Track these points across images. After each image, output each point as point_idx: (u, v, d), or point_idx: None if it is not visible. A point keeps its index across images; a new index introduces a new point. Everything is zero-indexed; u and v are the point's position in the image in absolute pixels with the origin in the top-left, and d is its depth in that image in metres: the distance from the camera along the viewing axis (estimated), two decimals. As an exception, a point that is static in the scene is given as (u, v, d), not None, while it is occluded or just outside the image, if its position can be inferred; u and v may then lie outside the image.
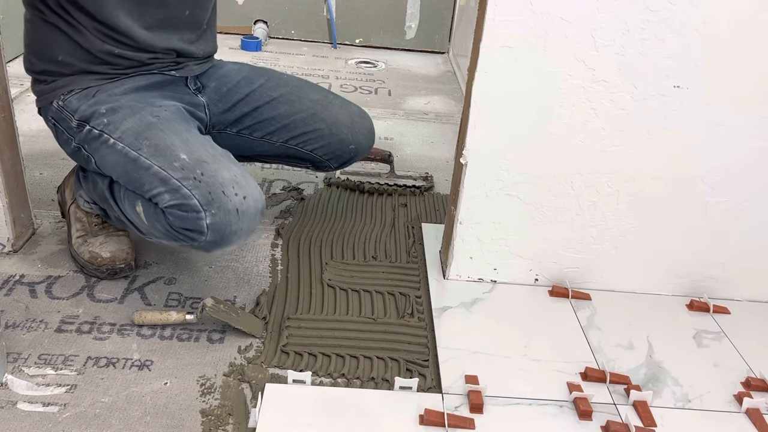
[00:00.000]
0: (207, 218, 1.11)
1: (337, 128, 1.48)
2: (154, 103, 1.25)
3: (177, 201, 1.12)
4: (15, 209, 1.41)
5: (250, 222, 1.15)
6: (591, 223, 1.36)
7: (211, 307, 1.20)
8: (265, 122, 1.46)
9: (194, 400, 1.07)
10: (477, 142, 1.28)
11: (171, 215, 1.13)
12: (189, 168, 1.13)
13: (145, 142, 1.16)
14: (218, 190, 1.11)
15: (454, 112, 2.59)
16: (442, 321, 1.29)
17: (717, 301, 1.42)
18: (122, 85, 1.27)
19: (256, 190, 1.17)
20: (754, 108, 1.25)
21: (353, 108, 1.54)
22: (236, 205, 1.12)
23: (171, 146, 1.16)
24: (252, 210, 1.14)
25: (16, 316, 1.23)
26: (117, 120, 1.20)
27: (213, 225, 1.11)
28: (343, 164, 1.55)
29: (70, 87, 1.26)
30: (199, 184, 1.11)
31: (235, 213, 1.12)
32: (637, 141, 1.27)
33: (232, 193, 1.12)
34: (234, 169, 1.16)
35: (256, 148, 1.50)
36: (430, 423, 1.04)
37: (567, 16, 1.17)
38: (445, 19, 3.41)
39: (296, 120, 1.46)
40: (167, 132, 1.18)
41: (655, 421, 1.08)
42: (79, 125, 1.24)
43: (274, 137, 1.48)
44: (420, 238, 1.60)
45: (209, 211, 1.10)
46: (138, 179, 1.16)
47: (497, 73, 1.22)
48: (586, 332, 1.30)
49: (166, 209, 1.13)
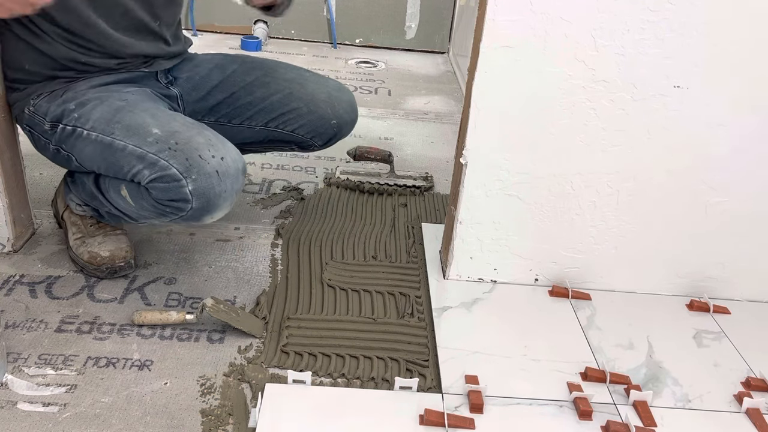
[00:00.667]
0: (189, 185, 1.11)
1: (315, 105, 1.46)
2: (121, 90, 1.26)
3: (156, 174, 1.12)
4: (15, 209, 1.41)
5: (232, 182, 1.15)
6: (591, 223, 1.36)
7: (211, 307, 1.20)
8: (241, 107, 1.45)
9: (194, 400, 1.07)
10: (477, 142, 1.28)
11: (154, 189, 1.13)
12: (163, 140, 1.13)
13: (116, 126, 1.17)
14: (195, 155, 1.11)
15: (454, 112, 2.59)
16: (442, 321, 1.29)
17: (717, 301, 1.42)
18: (89, 82, 1.27)
19: (233, 150, 1.17)
20: (755, 108, 1.25)
21: (330, 83, 1.52)
22: (215, 166, 1.12)
23: (142, 124, 1.16)
24: (232, 170, 1.14)
25: (16, 316, 1.23)
26: (87, 112, 1.20)
27: (196, 190, 1.11)
28: (329, 141, 1.53)
29: (39, 92, 1.26)
30: (175, 153, 1.11)
31: (215, 175, 1.12)
32: (637, 141, 1.27)
33: (209, 156, 1.12)
34: (207, 133, 1.16)
35: (237, 135, 1.48)
36: (430, 423, 1.04)
37: (567, 16, 1.17)
38: (445, 19, 3.41)
39: (273, 102, 1.45)
40: (136, 111, 1.19)
41: (655, 421, 1.08)
42: (52, 127, 1.24)
43: (252, 122, 1.47)
44: (420, 238, 1.60)
45: (189, 177, 1.11)
46: (116, 163, 1.16)
47: (497, 73, 1.22)
48: (586, 332, 1.30)
49: (148, 185, 1.14)
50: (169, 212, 1.16)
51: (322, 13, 3.38)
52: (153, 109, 1.20)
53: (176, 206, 1.14)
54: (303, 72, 1.52)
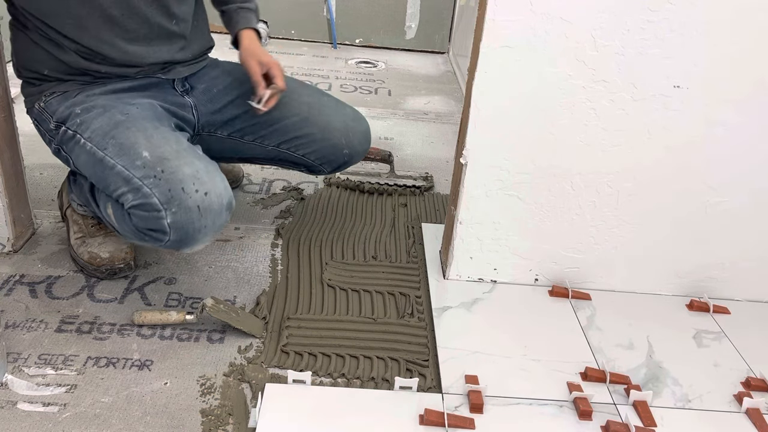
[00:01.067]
0: (168, 217, 1.09)
1: (330, 133, 1.45)
2: (128, 101, 1.24)
3: (138, 201, 1.10)
4: (15, 209, 1.41)
5: (214, 218, 1.12)
6: (591, 223, 1.36)
7: (211, 307, 1.20)
8: (256, 126, 1.44)
9: (194, 400, 1.07)
10: (477, 142, 1.28)
11: (134, 216, 1.12)
12: (150, 166, 1.11)
13: (110, 141, 1.15)
14: (178, 187, 1.09)
15: (454, 112, 2.59)
16: (442, 321, 1.29)
17: (717, 301, 1.42)
18: (103, 86, 1.27)
19: (221, 185, 1.14)
20: (755, 108, 1.25)
21: (347, 111, 1.51)
22: (197, 201, 1.09)
23: (134, 144, 1.14)
24: (215, 206, 1.12)
25: (16, 316, 1.23)
26: (88, 119, 1.20)
27: (174, 224, 1.09)
28: (337, 168, 1.53)
29: (53, 90, 1.26)
30: (159, 182, 1.09)
31: (196, 210, 1.09)
32: (637, 141, 1.27)
33: (192, 190, 1.09)
34: (197, 164, 1.13)
35: (247, 152, 1.49)
36: (430, 423, 1.04)
37: (567, 16, 1.17)
38: (445, 19, 3.41)
39: (288, 124, 1.44)
40: (133, 129, 1.16)
41: (655, 421, 1.08)
42: (56, 126, 1.24)
43: (265, 141, 1.46)
44: (420, 238, 1.60)
45: (169, 210, 1.09)
46: (105, 179, 1.16)
47: (497, 73, 1.22)
48: (586, 332, 1.30)
49: (129, 210, 1.12)
50: (147, 240, 1.15)
51: (322, 13, 3.38)
52: (150, 129, 1.18)
53: (154, 236, 1.13)
54: (321, 96, 1.50)
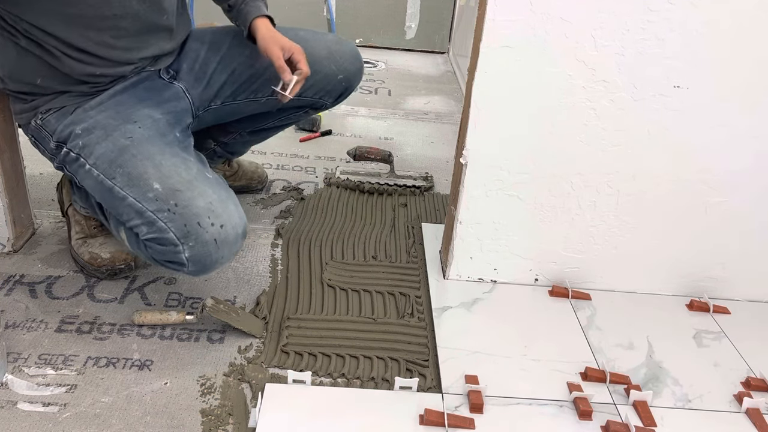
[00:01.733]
0: (185, 251, 1.09)
1: (317, 64, 1.41)
2: (129, 117, 1.20)
3: (154, 234, 1.10)
4: (15, 209, 1.41)
5: (230, 248, 1.13)
6: (591, 223, 1.36)
7: (211, 307, 1.20)
8: (245, 83, 1.41)
9: (194, 400, 1.07)
10: (477, 142, 1.28)
11: (150, 248, 1.13)
12: (163, 199, 1.10)
13: (118, 170, 1.13)
14: (194, 222, 1.08)
15: (454, 112, 2.59)
16: (442, 321, 1.29)
17: (717, 301, 1.42)
18: (99, 98, 1.22)
19: (235, 214, 1.13)
20: (754, 108, 1.25)
21: (328, 37, 1.48)
22: (213, 235, 1.09)
23: (144, 174, 1.12)
24: (231, 237, 1.12)
25: (16, 316, 1.23)
26: (91, 143, 1.16)
27: (192, 257, 1.10)
28: (340, 96, 1.50)
29: (48, 106, 1.21)
30: (174, 216, 1.09)
31: (213, 243, 1.10)
32: (637, 141, 1.27)
33: (208, 224, 1.09)
34: (210, 194, 1.12)
35: (245, 110, 1.46)
36: (430, 423, 1.04)
37: (567, 16, 1.17)
38: (445, 19, 3.41)
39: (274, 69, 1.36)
40: (140, 158, 1.14)
41: (655, 421, 1.08)
42: (57, 146, 1.20)
43: (258, 94, 1.43)
44: (420, 238, 1.60)
45: (187, 244, 1.09)
46: (116, 208, 1.15)
47: (497, 73, 1.22)
48: (586, 332, 1.30)
49: (145, 242, 1.13)
50: (165, 268, 1.16)
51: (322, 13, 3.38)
52: (158, 156, 1.15)
53: (172, 267, 1.14)
54: (298, 32, 1.45)
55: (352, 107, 2.52)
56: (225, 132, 1.58)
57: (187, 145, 1.25)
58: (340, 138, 2.23)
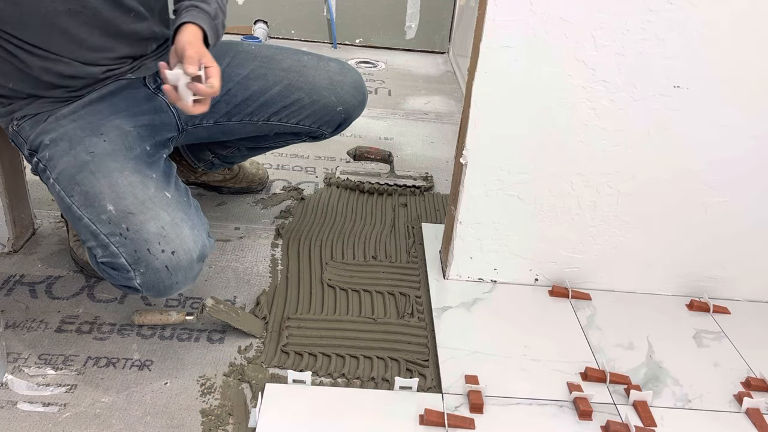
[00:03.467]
0: (137, 277, 1.06)
1: (317, 93, 1.38)
2: (97, 129, 1.15)
3: (107, 258, 1.07)
4: (15, 209, 1.41)
5: (185, 273, 1.08)
6: (591, 223, 1.36)
7: (211, 307, 1.20)
8: (240, 105, 1.36)
9: (194, 400, 1.07)
10: (477, 142, 1.28)
11: (105, 272, 1.10)
12: (115, 222, 1.06)
13: (76, 188, 1.10)
14: (143, 248, 1.04)
15: (454, 112, 2.59)
16: (442, 321, 1.29)
17: (717, 301, 1.42)
18: (73, 106, 1.18)
19: (189, 238, 1.08)
20: (754, 108, 1.25)
21: (331, 66, 1.43)
22: (164, 262, 1.05)
23: (99, 195, 1.08)
24: (184, 263, 1.07)
25: (16, 316, 1.23)
26: (56, 156, 1.13)
27: (144, 284, 1.07)
28: (338, 127, 1.47)
29: (24, 112, 1.18)
30: (125, 242, 1.05)
31: (164, 270, 1.05)
32: (637, 141, 1.27)
33: (158, 251, 1.05)
34: (163, 217, 1.07)
35: (241, 131, 1.42)
36: (430, 423, 1.04)
37: (567, 16, 1.17)
38: (445, 19, 3.40)
39: (272, 95, 1.37)
40: (97, 175, 1.09)
41: (655, 421, 1.08)
42: (30, 154, 1.17)
43: (254, 117, 1.39)
44: (420, 238, 1.60)
45: (138, 270, 1.05)
46: (75, 226, 1.12)
47: (497, 73, 1.22)
48: (586, 332, 1.30)
49: (100, 264, 1.10)
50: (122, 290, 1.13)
51: (322, 13, 3.38)
52: (116, 174, 1.09)
53: (128, 291, 1.11)
54: (301, 57, 1.42)
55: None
56: (224, 146, 1.57)
57: (155, 159, 1.18)
58: (340, 138, 2.22)
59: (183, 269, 1.07)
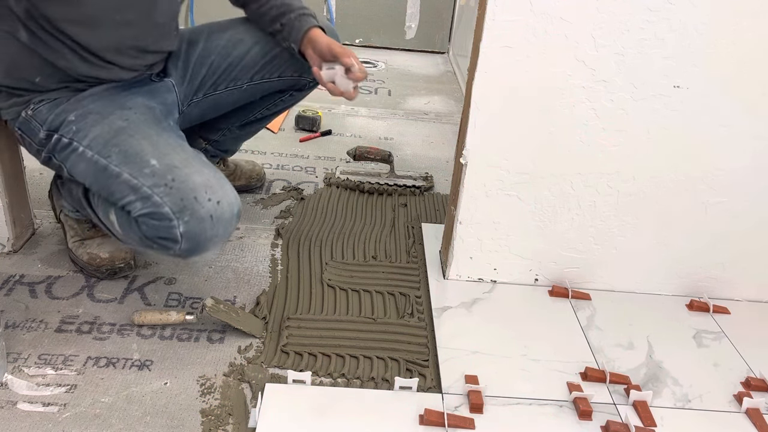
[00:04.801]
0: (180, 226, 1.07)
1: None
2: (124, 104, 1.20)
3: (149, 209, 1.08)
4: (15, 209, 1.41)
5: (225, 227, 1.11)
6: (591, 223, 1.36)
7: (211, 307, 1.20)
8: (224, 72, 1.41)
9: (194, 400, 1.07)
10: (477, 142, 1.28)
11: (144, 224, 1.10)
12: (160, 174, 1.08)
13: (114, 149, 1.12)
14: (190, 196, 1.07)
15: (454, 112, 2.59)
16: (442, 321, 1.29)
17: (717, 301, 1.42)
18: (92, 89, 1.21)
19: (231, 193, 1.12)
20: (754, 108, 1.25)
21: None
22: (210, 211, 1.08)
23: (141, 152, 1.11)
24: (227, 215, 1.10)
25: (16, 316, 1.23)
26: (86, 126, 1.15)
27: (187, 233, 1.08)
28: None
29: (42, 98, 1.19)
30: (171, 191, 1.07)
31: (209, 219, 1.08)
32: (637, 141, 1.27)
33: (204, 199, 1.07)
34: (207, 172, 1.11)
35: (228, 99, 1.46)
36: (430, 423, 1.04)
37: (567, 16, 1.17)
38: (445, 19, 3.41)
39: (252, 55, 1.41)
40: (137, 137, 1.13)
41: (654, 421, 1.08)
42: (47, 136, 1.18)
43: (239, 82, 1.43)
44: (420, 238, 1.60)
45: (182, 219, 1.07)
46: (108, 187, 1.13)
47: (497, 73, 1.22)
48: (586, 332, 1.30)
49: (138, 218, 1.10)
50: (155, 248, 1.13)
51: (323, 13, 3.38)
52: (155, 136, 1.15)
53: (164, 244, 1.11)
54: None
55: (352, 107, 2.52)
56: (214, 129, 1.59)
57: (180, 134, 1.24)
58: (340, 138, 2.23)
59: (224, 221, 1.10)
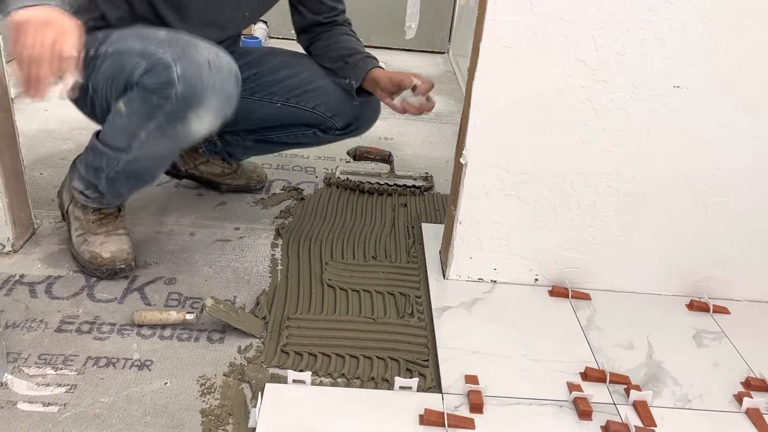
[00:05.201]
0: (177, 69, 1.11)
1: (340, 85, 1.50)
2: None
3: (151, 63, 1.13)
4: (15, 209, 1.41)
5: (223, 80, 1.16)
6: (591, 223, 1.36)
7: (211, 307, 1.20)
8: (265, 83, 1.50)
9: (194, 400, 1.07)
10: (477, 142, 1.28)
11: (144, 78, 1.14)
12: (167, 41, 1.16)
13: (130, 38, 1.20)
14: (190, 47, 1.14)
15: (454, 112, 2.58)
16: (442, 321, 1.29)
17: (717, 301, 1.41)
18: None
19: (231, 60, 1.19)
20: (754, 108, 1.25)
21: None
22: (207, 57, 1.14)
23: (155, 33, 1.19)
24: (225, 68, 1.16)
25: (16, 316, 1.23)
26: (110, 35, 1.23)
27: (183, 75, 1.12)
28: (348, 127, 1.57)
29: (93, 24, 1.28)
30: (173, 45, 1.15)
31: (206, 64, 1.13)
32: (637, 141, 1.27)
33: (204, 49, 1.15)
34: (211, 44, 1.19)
35: (258, 110, 1.52)
36: (430, 423, 1.04)
37: (567, 16, 1.17)
38: (445, 19, 3.41)
39: (299, 79, 1.50)
40: (153, 30, 1.22)
41: (654, 421, 1.08)
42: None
43: (275, 97, 1.51)
44: (420, 238, 1.60)
45: (179, 62, 1.12)
46: (122, 67, 1.18)
47: (497, 73, 1.22)
48: (586, 332, 1.30)
49: (142, 76, 1.14)
50: (155, 104, 1.15)
51: (322, 13, 3.37)
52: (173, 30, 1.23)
53: (162, 92, 1.13)
54: None
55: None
56: (231, 130, 1.62)
57: None
58: (340, 138, 2.23)
59: (223, 72, 1.15)
